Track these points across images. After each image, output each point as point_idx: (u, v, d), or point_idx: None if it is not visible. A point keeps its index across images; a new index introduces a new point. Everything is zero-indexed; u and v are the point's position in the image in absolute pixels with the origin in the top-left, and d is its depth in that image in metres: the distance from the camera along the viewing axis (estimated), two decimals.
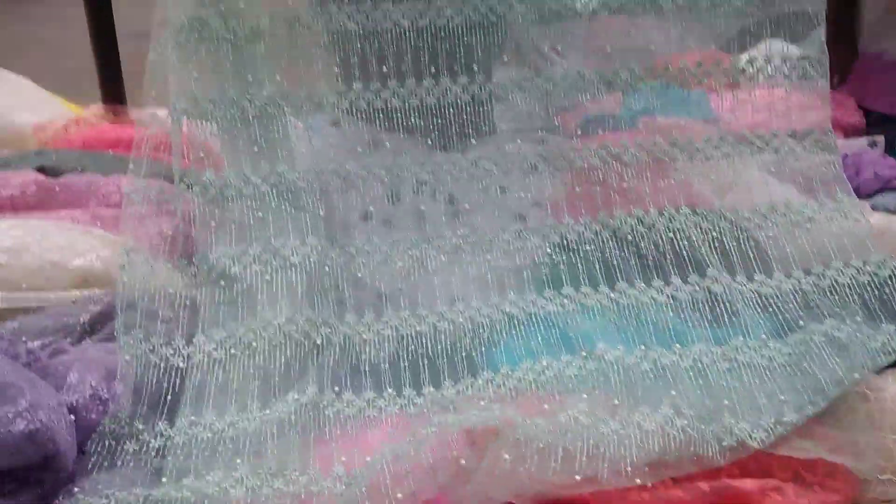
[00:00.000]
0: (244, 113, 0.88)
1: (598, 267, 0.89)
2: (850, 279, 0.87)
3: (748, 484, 0.66)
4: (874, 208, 0.99)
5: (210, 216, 0.85)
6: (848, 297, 0.85)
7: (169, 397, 0.75)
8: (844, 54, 1.52)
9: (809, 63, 0.99)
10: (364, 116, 0.92)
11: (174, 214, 0.85)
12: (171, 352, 0.77)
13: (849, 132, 1.33)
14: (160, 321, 0.78)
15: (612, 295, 0.86)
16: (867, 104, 1.58)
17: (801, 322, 0.82)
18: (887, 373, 0.77)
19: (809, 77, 0.99)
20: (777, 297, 0.85)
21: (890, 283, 0.86)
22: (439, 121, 0.93)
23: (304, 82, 0.91)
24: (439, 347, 0.82)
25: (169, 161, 0.86)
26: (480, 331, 0.83)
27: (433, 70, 0.93)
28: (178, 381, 0.76)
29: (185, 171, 0.85)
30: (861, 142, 1.34)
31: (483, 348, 0.82)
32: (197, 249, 0.83)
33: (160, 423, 0.73)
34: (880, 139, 1.37)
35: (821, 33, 0.99)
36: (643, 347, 0.79)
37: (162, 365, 0.76)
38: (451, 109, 0.93)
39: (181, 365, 0.77)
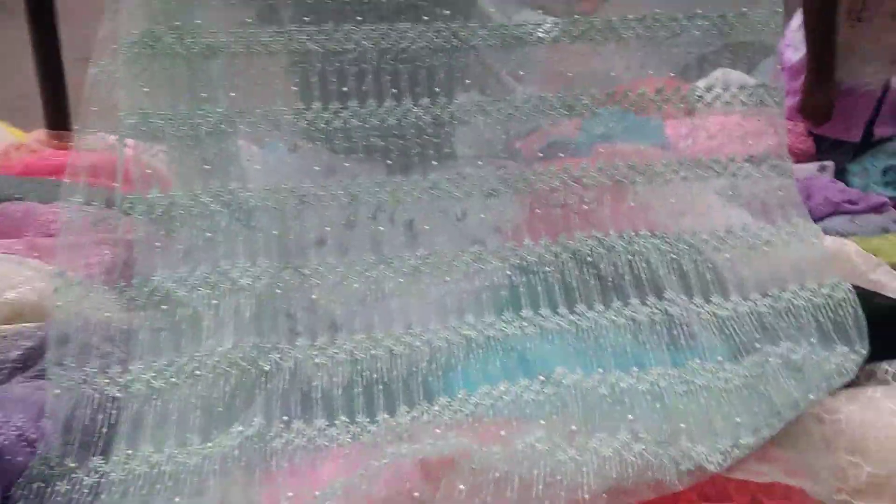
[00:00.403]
0: (196, 130, 0.85)
1: (557, 289, 0.88)
2: (806, 301, 0.87)
3: None
4: (825, 232, 1.01)
5: (154, 237, 0.82)
6: (803, 319, 0.86)
7: (104, 430, 0.71)
8: (826, 97, 1.58)
9: (766, 91, 1.00)
10: (323, 136, 0.91)
11: (113, 240, 0.81)
12: (107, 381, 0.74)
13: (799, 158, 1.37)
14: (94, 349, 0.75)
15: (571, 317, 0.85)
16: (821, 130, 1.63)
17: (756, 344, 0.83)
18: (841, 394, 0.78)
19: (765, 104, 1.01)
20: (734, 319, 0.85)
21: (844, 305, 0.86)
22: (400, 142, 0.92)
23: (260, 100, 0.89)
24: (395, 372, 0.79)
25: (108, 185, 0.83)
26: (438, 355, 0.81)
27: (395, 91, 0.92)
28: (114, 412, 0.72)
29: (127, 193, 0.82)
30: (811, 167, 1.38)
31: (440, 373, 0.80)
32: (137, 272, 0.80)
33: (94, 459, 0.69)
34: (830, 164, 1.41)
35: (775, 62, 1.01)
36: (601, 371, 0.78)
37: (96, 396, 0.72)
38: (412, 131, 0.92)
39: (117, 395, 0.73)
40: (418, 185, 0.92)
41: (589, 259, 0.90)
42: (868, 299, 0.87)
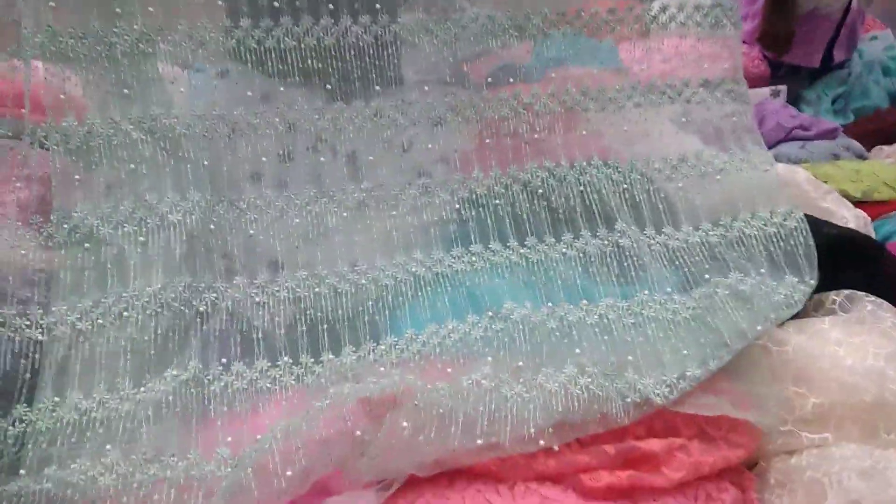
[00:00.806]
0: (111, 50, 0.77)
1: (507, 222, 0.85)
2: (757, 230, 0.87)
3: (654, 444, 0.65)
4: (777, 158, 0.99)
5: (73, 169, 0.75)
6: (754, 248, 0.85)
7: (27, 376, 0.67)
8: (786, 25, 1.53)
9: (722, 11, 0.97)
10: (254, 58, 0.83)
11: (25, 175, 0.74)
12: (27, 324, 0.69)
13: (754, 83, 1.35)
14: (11, 291, 0.69)
15: (521, 251, 0.83)
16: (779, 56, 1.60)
17: (706, 276, 0.82)
18: (789, 325, 0.78)
19: (721, 25, 0.97)
20: (684, 250, 0.84)
21: (795, 234, 0.86)
22: (339, 64, 0.85)
23: (182, 17, 0.81)
24: (340, 312, 0.76)
25: (15, 114, 0.75)
26: (384, 293, 0.78)
27: (331, 7, 0.85)
28: (37, 357, 0.67)
29: (38, 124, 0.75)
30: (764, 91, 1.36)
31: (387, 311, 0.77)
32: (56, 208, 0.74)
33: (18, 407, 0.65)
34: (783, 88, 1.39)
35: None
36: (550, 304, 0.77)
37: (16, 339, 0.67)
38: (353, 52, 0.85)
39: (40, 338, 0.68)
40: (361, 113, 0.86)
41: (540, 191, 0.87)
42: (818, 228, 0.86)
